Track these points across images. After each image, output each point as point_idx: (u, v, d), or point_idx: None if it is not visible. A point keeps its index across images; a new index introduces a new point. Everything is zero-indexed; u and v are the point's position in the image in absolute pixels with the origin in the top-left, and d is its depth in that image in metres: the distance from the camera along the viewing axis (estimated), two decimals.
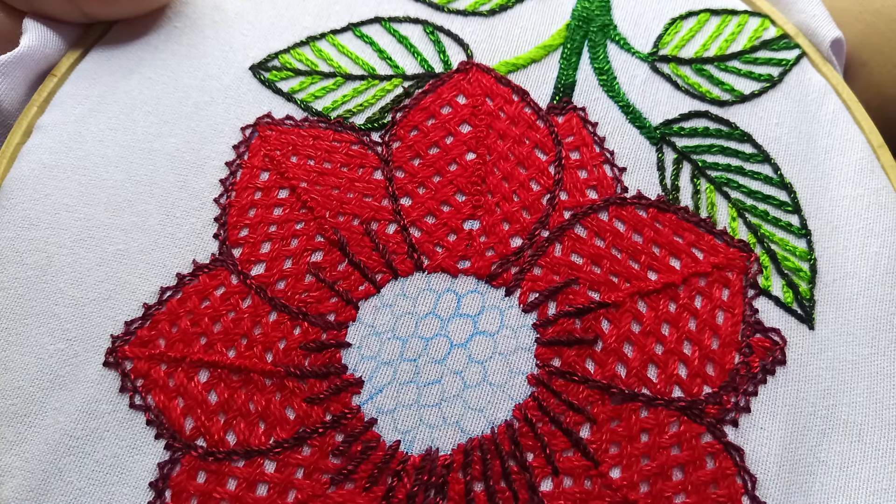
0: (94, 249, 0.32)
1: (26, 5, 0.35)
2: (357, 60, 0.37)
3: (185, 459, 0.29)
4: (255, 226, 0.33)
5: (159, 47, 0.37)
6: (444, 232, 0.33)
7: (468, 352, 0.31)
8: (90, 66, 0.36)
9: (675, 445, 0.29)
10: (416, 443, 0.29)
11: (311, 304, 0.31)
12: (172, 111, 0.35)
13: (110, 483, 0.29)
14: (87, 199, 0.33)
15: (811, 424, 0.30)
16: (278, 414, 0.30)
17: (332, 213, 0.33)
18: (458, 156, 0.34)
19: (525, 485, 0.28)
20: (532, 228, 0.32)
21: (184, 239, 0.33)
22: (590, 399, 0.30)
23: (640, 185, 0.34)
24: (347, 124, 0.35)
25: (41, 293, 0.31)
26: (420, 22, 0.38)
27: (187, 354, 0.30)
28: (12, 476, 0.29)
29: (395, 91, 0.36)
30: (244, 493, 0.29)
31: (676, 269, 0.31)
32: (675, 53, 0.37)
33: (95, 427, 0.30)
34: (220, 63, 0.37)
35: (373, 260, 0.32)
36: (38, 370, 0.30)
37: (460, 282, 0.32)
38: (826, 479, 0.29)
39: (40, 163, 0.34)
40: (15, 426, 0.30)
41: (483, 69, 0.36)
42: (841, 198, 0.34)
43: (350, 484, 0.29)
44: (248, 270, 0.32)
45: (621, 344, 0.30)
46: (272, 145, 0.34)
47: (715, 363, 0.30)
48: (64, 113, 0.35)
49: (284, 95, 0.36)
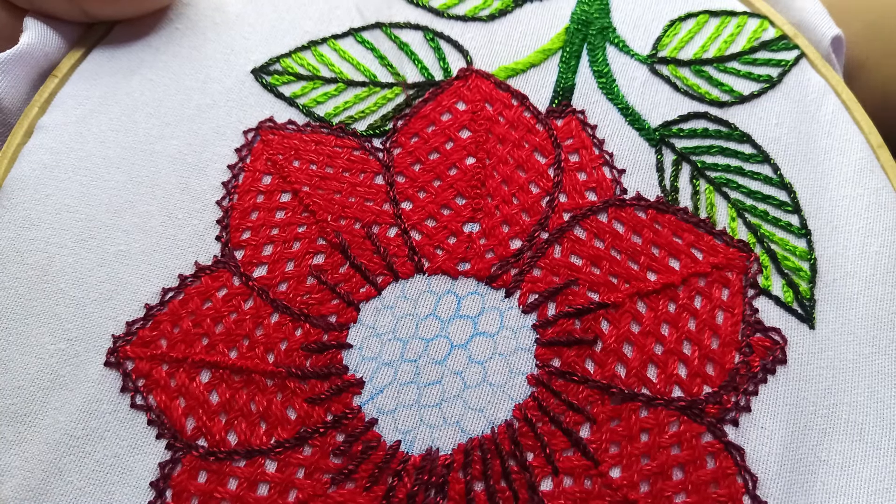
0: (96, 250, 0.32)
1: (28, 3, 0.35)
2: (358, 66, 0.37)
3: (187, 459, 0.29)
4: (257, 228, 0.33)
5: (161, 49, 0.37)
6: (444, 235, 0.33)
7: (468, 352, 0.31)
8: (91, 66, 0.37)
9: (676, 445, 0.29)
10: (416, 443, 0.29)
11: (313, 305, 0.31)
12: (174, 113, 0.35)
13: (111, 483, 0.29)
14: (88, 199, 0.33)
15: (812, 424, 0.30)
16: (279, 414, 0.30)
17: (334, 216, 0.33)
18: (458, 160, 0.34)
19: (525, 484, 0.28)
20: (532, 230, 0.32)
21: (185, 240, 0.33)
22: (590, 399, 0.30)
23: (640, 186, 0.34)
24: (349, 130, 0.35)
25: (42, 293, 0.31)
26: (420, 28, 0.38)
27: (189, 355, 0.30)
28: (12, 476, 0.29)
29: (396, 99, 0.36)
30: (245, 493, 0.28)
31: (676, 270, 0.31)
32: (675, 55, 0.37)
33: (96, 427, 0.30)
34: (221, 66, 0.37)
35: (374, 262, 0.32)
36: (39, 370, 0.30)
37: (460, 284, 0.32)
38: (827, 479, 0.29)
39: (41, 163, 0.34)
40: (15, 426, 0.30)
41: (482, 75, 0.36)
42: (841, 197, 0.34)
43: (351, 484, 0.29)
44: (251, 272, 0.32)
45: (621, 344, 0.30)
46: (274, 149, 0.34)
47: (715, 363, 0.30)
48: (65, 114, 0.35)
49: (286, 100, 0.36)
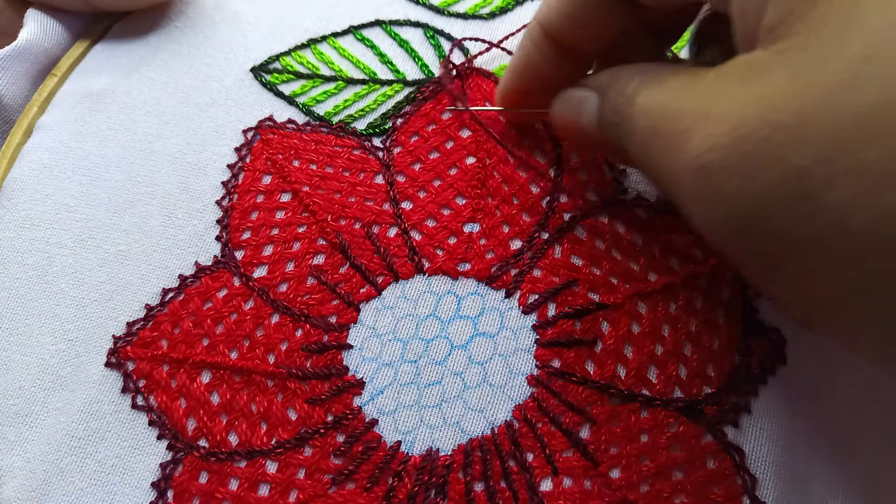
0: (96, 250, 0.32)
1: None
2: (358, 64, 0.37)
3: (188, 460, 0.29)
4: (257, 228, 0.33)
5: (160, 47, 0.37)
6: (444, 235, 0.33)
7: (468, 353, 0.31)
8: (90, 65, 0.36)
9: (675, 446, 0.29)
10: (416, 443, 0.30)
11: (313, 306, 0.31)
12: (173, 112, 0.35)
13: (112, 483, 0.29)
14: (87, 199, 0.33)
15: (811, 424, 0.30)
16: (280, 415, 0.30)
17: (334, 216, 0.33)
18: (459, 160, 0.34)
19: (525, 485, 0.29)
20: (532, 231, 0.32)
21: (185, 241, 0.33)
22: (589, 400, 0.30)
23: (640, 186, 0.34)
24: (349, 129, 0.35)
25: (42, 293, 0.32)
26: (420, 25, 0.38)
27: (189, 355, 0.30)
28: (14, 476, 0.29)
29: (396, 97, 0.36)
30: (246, 493, 0.29)
31: (676, 270, 0.31)
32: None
33: (97, 427, 0.30)
34: (221, 64, 0.37)
35: (374, 263, 0.32)
36: (40, 370, 0.30)
37: (460, 284, 0.32)
38: (826, 480, 0.29)
39: (41, 163, 0.34)
40: (17, 426, 0.30)
41: (483, 73, 0.36)
42: None
43: (351, 484, 0.29)
44: (251, 272, 0.32)
45: (621, 345, 0.30)
46: (274, 149, 0.34)
47: (714, 363, 0.30)
48: (64, 113, 0.35)
49: (286, 98, 0.36)
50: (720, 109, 0.20)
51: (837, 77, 0.17)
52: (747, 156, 0.19)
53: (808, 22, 0.19)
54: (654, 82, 0.24)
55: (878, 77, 0.17)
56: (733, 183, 0.19)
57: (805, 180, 0.18)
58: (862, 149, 0.17)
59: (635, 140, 0.24)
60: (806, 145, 0.18)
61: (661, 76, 0.24)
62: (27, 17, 0.36)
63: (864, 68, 0.17)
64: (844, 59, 0.17)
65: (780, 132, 0.18)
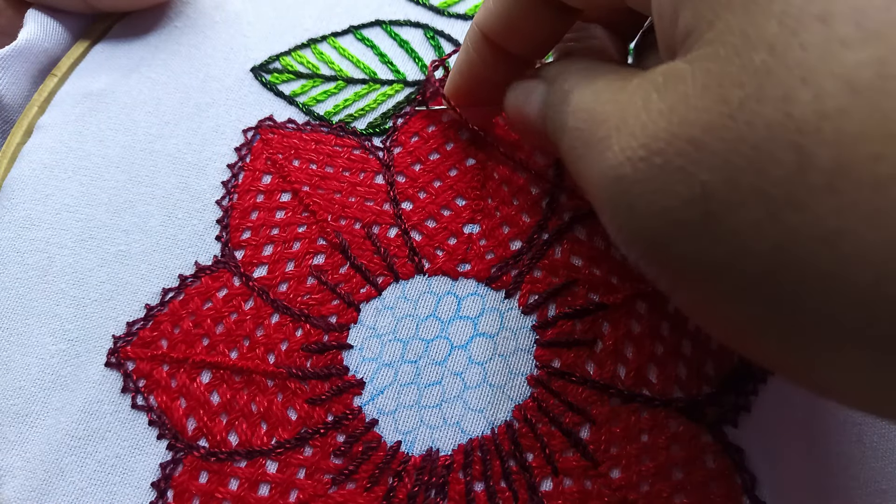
0: (96, 250, 0.32)
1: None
2: (358, 64, 0.37)
3: (188, 460, 0.29)
4: (257, 228, 0.33)
5: (160, 47, 0.37)
6: (444, 236, 0.33)
7: (468, 353, 0.31)
8: (90, 65, 0.36)
9: (675, 445, 0.29)
10: (416, 443, 0.30)
11: (313, 306, 0.31)
12: (173, 112, 0.35)
13: (112, 483, 0.29)
14: (88, 199, 0.33)
15: (811, 425, 0.30)
16: (280, 415, 0.30)
17: (334, 216, 0.33)
18: (458, 161, 0.34)
19: (525, 485, 0.29)
20: (531, 231, 0.32)
21: (185, 240, 0.33)
22: (589, 400, 0.30)
23: None
24: (349, 129, 0.35)
25: (42, 293, 0.31)
26: (420, 26, 0.38)
27: (189, 355, 0.30)
28: (14, 476, 0.29)
29: (396, 96, 0.36)
30: (246, 493, 0.29)
31: None
32: None
33: (97, 427, 0.30)
34: (220, 64, 0.37)
35: (374, 263, 0.32)
36: (40, 370, 0.30)
37: (460, 284, 0.32)
38: (825, 480, 0.29)
39: (41, 163, 0.34)
40: (17, 426, 0.30)
41: None
42: None
43: (351, 484, 0.29)
44: (251, 272, 0.32)
45: (621, 345, 0.30)
46: (274, 148, 0.34)
47: (714, 363, 0.30)
48: (64, 113, 0.35)
49: (286, 98, 0.36)
50: (636, 120, 0.19)
51: (742, 91, 0.16)
52: (660, 171, 0.18)
53: (716, 31, 0.18)
54: (587, 81, 0.23)
55: (779, 92, 0.16)
56: (645, 199, 0.18)
57: (710, 201, 0.17)
58: (765, 168, 0.16)
59: (564, 139, 0.24)
60: (714, 163, 0.17)
61: (596, 76, 0.23)
62: (27, 18, 0.36)
63: (766, 81, 0.16)
64: (749, 72, 0.16)
65: (690, 148, 0.17)
